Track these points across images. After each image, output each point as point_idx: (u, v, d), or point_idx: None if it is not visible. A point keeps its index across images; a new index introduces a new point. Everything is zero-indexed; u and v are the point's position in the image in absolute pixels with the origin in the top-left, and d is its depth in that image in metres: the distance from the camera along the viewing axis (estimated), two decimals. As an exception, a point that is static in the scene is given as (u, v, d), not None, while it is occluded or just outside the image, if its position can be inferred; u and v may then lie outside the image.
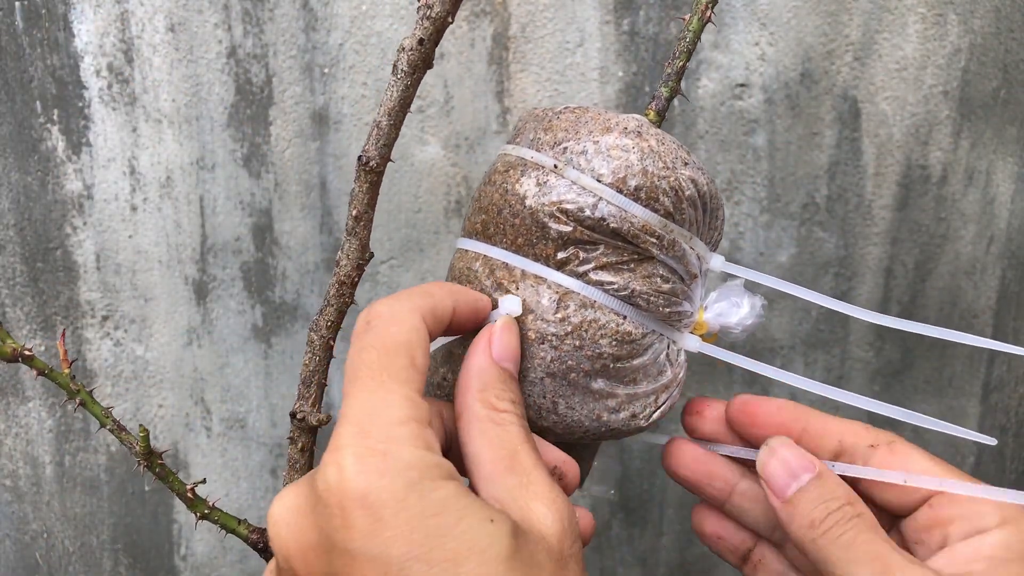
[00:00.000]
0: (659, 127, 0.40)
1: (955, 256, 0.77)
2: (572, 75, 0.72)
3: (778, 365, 0.79)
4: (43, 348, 0.76)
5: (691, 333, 0.40)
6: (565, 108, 0.39)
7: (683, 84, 0.73)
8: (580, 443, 0.39)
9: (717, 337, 0.41)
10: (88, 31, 0.69)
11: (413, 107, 0.73)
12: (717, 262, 0.40)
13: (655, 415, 0.38)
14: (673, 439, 0.41)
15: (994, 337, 0.80)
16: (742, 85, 0.73)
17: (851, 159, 0.75)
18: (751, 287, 0.42)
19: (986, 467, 0.84)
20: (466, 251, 0.39)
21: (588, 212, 0.36)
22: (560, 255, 0.37)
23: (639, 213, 0.36)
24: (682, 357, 0.39)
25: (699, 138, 0.74)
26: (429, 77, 0.72)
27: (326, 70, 0.72)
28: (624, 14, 0.71)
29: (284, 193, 0.74)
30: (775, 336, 0.78)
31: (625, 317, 0.37)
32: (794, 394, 0.80)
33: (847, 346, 0.79)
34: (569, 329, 0.36)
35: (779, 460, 0.36)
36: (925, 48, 0.72)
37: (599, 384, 0.37)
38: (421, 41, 0.33)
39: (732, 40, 0.72)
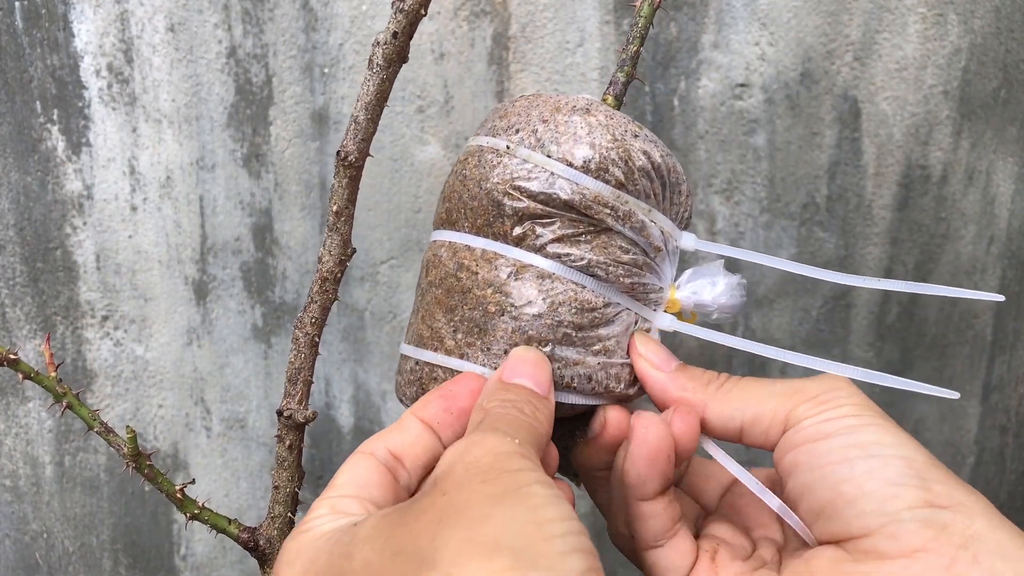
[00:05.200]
0: (618, 111, 0.40)
1: (955, 256, 0.77)
2: (572, 75, 0.72)
3: (778, 365, 0.79)
4: (43, 348, 0.76)
5: (665, 312, 0.40)
6: (521, 96, 0.41)
7: (683, 84, 0.73)
8: (559, 417, 0.40)
9: (696, 317, 0.41)
10: (88, 31, 0.69)
11: (413, 107, 0.73)
12: (689, 241, 0.40)
13: (631, 391, 0.39)
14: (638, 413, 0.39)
15: (994, 338, 0.80)
16: (742, 85, 0.73)
17: (851, 159, 0.75)
18: (741, 270, 0.42)
19: (986, 467, 0.83)
20: (434, 241, 0.40)
21: (540, 187, 0.37)
22: (516, 231, 0.37)
23: (590, 185, 0.37)
24: (654, 335, 0.40)
25: (699, 138, 0.74)
26: (429, 77, 0.72)
27: (326, 70, 0.72)
28: (624, 14, 0.71)
29: (284, 193, 0.74)
30: (775, 336, 0.78)
31: (584, 287, 0.37)
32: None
33: (847, 346, 0.79)
34: (527, 299, 0.37)
35: (645, 362, 0.38)
36: (925, 48, 0.72)
37: (565, 352, 0.37)
38: (395, 35, 0.33)
39: (732, 40, 0.72)
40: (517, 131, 0.38)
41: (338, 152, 0.34)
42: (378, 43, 0.34)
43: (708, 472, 0.42)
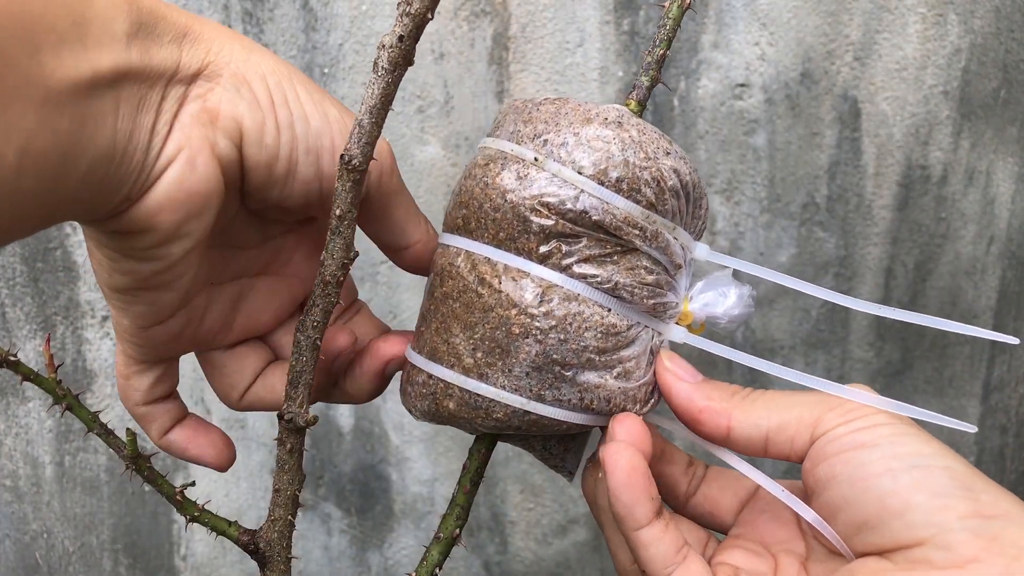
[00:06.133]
0: (640, 116, 0.40)
1: (955, 256, 0.77)
2: (572, 75, 0.72)
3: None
4: (43, 349, 0.76)
5: (677, 324, 0.39)
6: (545, 99, 0.39)
7: (683, 84, 0.73)
8: (568, 433, 0.39)
9: (705, 328, 0.41)
10: (88, 31, 0.69)
11: (413, 107, 0.73)
12: (702, 252, 0.40)
13: (645, 409, 0.38)
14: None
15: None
16: (742, 85, 0.73)
17: (851, 159, 0.75)
18: (744, 279, 0.41)
19: (986, 467, 0.84)
20: (448, 247, 0.39)
21: (569, 205, 0.36)
22: (542, 249, 0.36)
23: (621, 205, 0.36)
24: (666, 348, 0.40)
25: (699, 138, 0.74)
26: (429, 77, 0.72)
27: (326, 70, 0.72)
28: (624, 14, 0.71)
29: (284, 193, 0.74)
30: (775, 336, 0.78)
31: (610, 310, 0.37)
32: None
33: (847, 346, 0.79)
34: (553, 323, 0.36)
35: (672, 375, 0.38)
36: (925, 48, 0.72)
37: (586, 376, 0.37)
38: (401, 38, 0.32)
39: (732, 40, 0.72)
40: (545, 142, 0.37)
41: (342, 156, 0.34)
42: (383, 46, 0.33)
43: (723, 484, 0.41)
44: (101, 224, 0.32)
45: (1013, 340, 0.37)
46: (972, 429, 0.36)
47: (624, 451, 0.35)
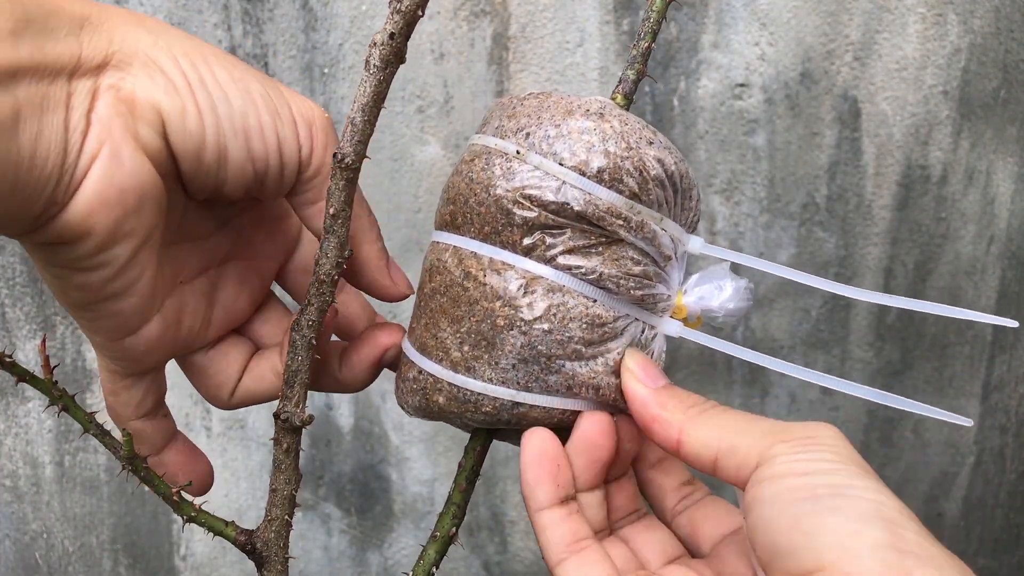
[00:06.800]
0: (627, 110, 0.40)
1: (955, 256, 0.77)
2: (572, 75, 0.72)
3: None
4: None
5: (671, 318, 0.39)
6: (529, 94, 0.39)
7: (683, 84, 0.73)
8: (560, 426, 0.39)
9: (702, 322, 0.40)
10: (88, 31, 0.69)
11: (413, 107, 0.73)
12: (696, 244, 0.40)
13: None
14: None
15: (995, 338, 0.80)
16: (742, 85, 0.73)
17: (851, 159, 0.75)
18: (744, 273, 0.41)
19: (986, 467, 0.83)
20: (437, 243, 0.39)
21: (551, 196, 0.36)
22: (526, 241, 0.36)
23: (603, 195, 0.36)
24: (660, 342, 0.39)
25: (699, 138, 0.74)
26: (429, 77, 0.72)
27: (326, 70, 0.72)
28: (624, 14, 0.71)
29: (284, 193, 0.74)
30: (775, 336, 0.78)
31: (595, 301, 0.37)
32: (793, 393, 0.80)
33: (847, 346, 0.79)
34: (538, 314, 0.36)
35: (631, 376, 0.37)
36: (925, 48, 0.72)
37: (573, 367, 0.37)
38: (392, 36, 0.32)
39: (732, 40, 0.72)
40: (527, 135, 0.37)
41: (335, 154, 0.34)
42: (375, 44, 0.33)
43: (709, 513, 0.40)
44: (36, 235, 0.31)
45: (1012, 323, 0.36)
46: (968, 423, 0.36)
47: (537, 433, 0.36)
